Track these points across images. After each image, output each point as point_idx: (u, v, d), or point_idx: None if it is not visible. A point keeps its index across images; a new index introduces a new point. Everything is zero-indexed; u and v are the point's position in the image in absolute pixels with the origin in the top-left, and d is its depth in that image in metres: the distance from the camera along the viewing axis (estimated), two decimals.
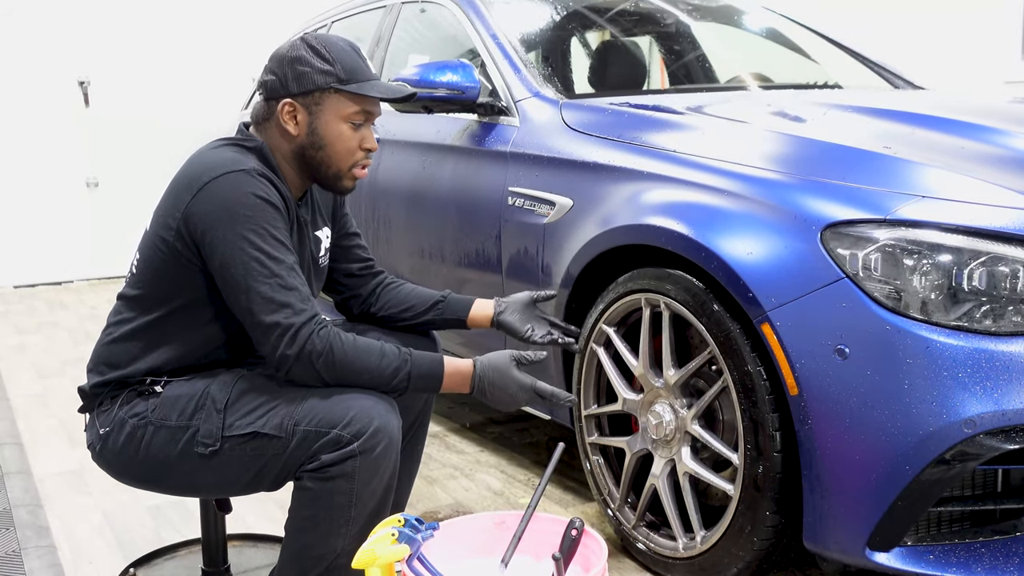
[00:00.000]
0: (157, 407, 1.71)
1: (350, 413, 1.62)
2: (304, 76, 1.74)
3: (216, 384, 1.72)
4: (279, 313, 1.63)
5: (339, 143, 1.78)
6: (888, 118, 2.23)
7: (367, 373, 1.67)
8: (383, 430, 1.63)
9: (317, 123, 1.77)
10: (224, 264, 1.64)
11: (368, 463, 1.62)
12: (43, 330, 5.10)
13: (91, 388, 1.79)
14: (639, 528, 2.20)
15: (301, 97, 1.76)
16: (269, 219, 1.66)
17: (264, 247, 1.64)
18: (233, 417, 1.66)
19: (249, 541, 2.33)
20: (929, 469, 1.63)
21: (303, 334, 1.63)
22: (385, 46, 3.50)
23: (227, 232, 1.63)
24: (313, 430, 1.62)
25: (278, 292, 1.63)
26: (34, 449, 3.16)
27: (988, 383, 1.59)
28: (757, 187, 1.89)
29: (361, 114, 1.79)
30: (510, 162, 2.56)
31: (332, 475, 1.61)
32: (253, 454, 1.66)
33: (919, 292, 1.65)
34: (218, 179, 1.66)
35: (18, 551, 2.33)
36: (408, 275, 3.00)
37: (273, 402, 1.66)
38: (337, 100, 1.76)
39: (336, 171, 1.81)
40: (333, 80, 1.74)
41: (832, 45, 3.54)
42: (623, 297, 2.15)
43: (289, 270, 1.66)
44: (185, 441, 1.68)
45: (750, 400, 1.84)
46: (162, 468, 1.72)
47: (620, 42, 3.36)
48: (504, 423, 3.36)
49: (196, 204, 1.66)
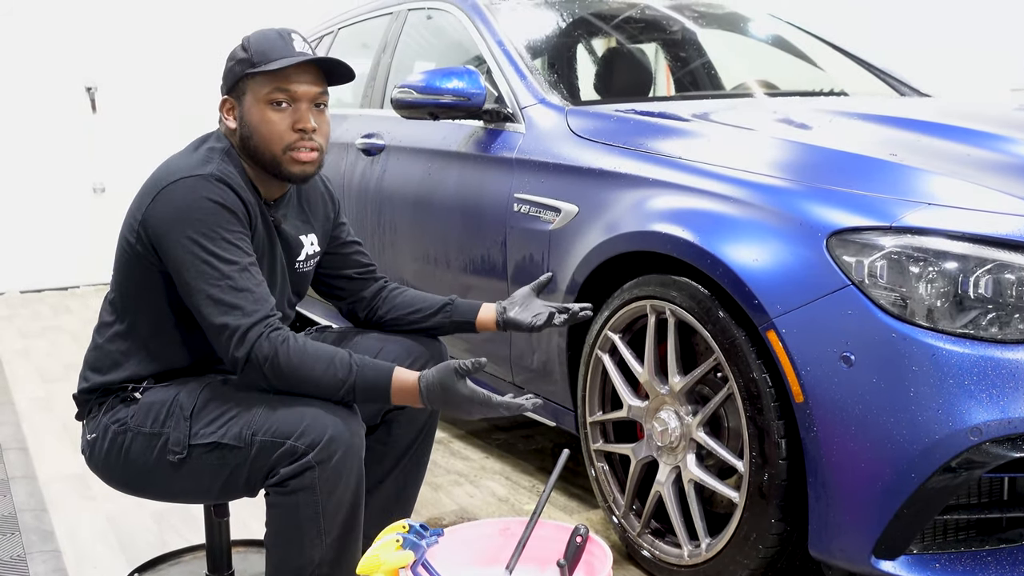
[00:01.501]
0: (135, 413, 1.72)
1: (304, 422, 1.60)
2: (229, 72, 1.77)
3: (185, 391, 1.72)
4: (228, 315, 1.62)
5: (263, 127, 1.74)
6: (894, 125, 2.23)
7: (312, 382, 1.63)
8: (337, 439, 1.59)
9: (243, 112, 1.76)
10: (177, 267, 1.65)
11: (327, 474, 1.59)
12: (47, 334, 5.11)
13: (80, 394, 1.81)
14: (644, 535, 2.19)
15: (231, 93, 1.78)
16: (222, 222, 1.66)
17: (214, 250, 1.64)
18: (198, 425, 1.67)
19: (253, 547, 2.32)
20: (935, 477, 1.62)
21: (251, 336, 1.62)
22: (391, 52, 3.51)
23: (179, 236, 1.64)
24: (269, 440, 1.61)
25: (228, 294, 1.63)
26: (39, 453, 3.17)
27: (994, 391, 1.59)
28: (763, 194, 1.89)
29: (278, 92, 1.73)
30: (516, 169, 2.56)
31: (293, 488, 1.60)
32: (218, 463, 1.65)
33: (925, 299, 1.64)
34: (175, 183, 1.67)
35: (23, 555, 2.33)
36: (413, 281, 3.00)
37: (234, 410, 1.66)
38: (253, 85, 1.74)
39: (271, 156, 1.75)
40: (247, 66, 1.74)
41: (838, 52, 3.54)
42: (628, 304, 2.15)
43: (242, 271, 1.65)
44: (159, 449, 1.69)
45: (755, 407, 1.84)
46: (142, 475, 1.73)
47: (626, 49, 3.36)
48: (509, 430, 3.36)
49: (153, 208, 1.68)
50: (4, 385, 4.03)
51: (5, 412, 3.59)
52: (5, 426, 3.41)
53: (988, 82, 4.64)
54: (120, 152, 6.58)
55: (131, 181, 7.70)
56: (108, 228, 6.41)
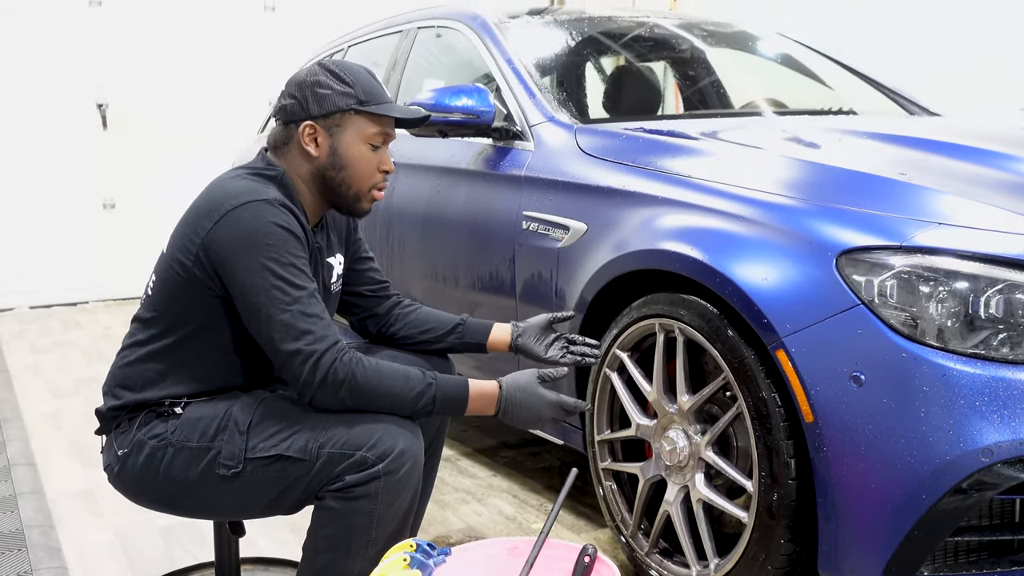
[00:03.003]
0: (177, 428, 1.72)
1: (376, 435, 1.63)
2: (325, 98, 1.77)
3: (238, 406, 1.72)
4: (301, 340, 1.63)
5: (359, 164, 1.81)
6: (903, 144, 2.22)
7: (391, 398, 1.68)
8: (408, 452, 1.64)
9: (338, 144, 1.79)
10: (245, 292, 1.66)
11: (391, 484, 1.63)
12: (57, 350, 5.12)
13: (108, 411, 1.79)
14: (652, 555, 2.18)
15: (322, 119, 1.78)
16: (290, 248, 1.68)
17: (285, 275, 1.65)
18: (256, 439, 1.67)
19: (261, 565, 2.32)
20: (946, 498, 1.61)
21: (326, 361, 1.64)
22: (401, 70, 3.52)
23: (248, 261, 1.65)
24: (338, 452, 1.63)
25: (299, 320, 1.64)
26: (47, 469, 3.17)
27: (1005, 411, 1.58)
28: (772, 213, 1.89)
29: (380, 135, 1.82)
30: (524, 186, 2.57)
31: (355, 495, 1.62)
32: (276, 476, 1.66)
33: (935, 319, 1.64)
34: (240, 208, 1.67)
35: (30, 572, 2.33)
36: (422, 298, 3.01)
37: (297, 425, 1.67)
38: (357, 121, 1.79)
39: (356, 192, 1.83)
40: (353, 102, 1.77)
41: (846, 71, 3.54)
42: (637, 322, 2.15)
43: (310, 298, 1.67)
44: (206, 463, 1.69)
45: (765, 427, 1.83)
46: (182, 490, 1.72)
47: (635, 67, 3.37)
48: (516, 447, 3.35)
49: (217, 232, 1.67)
50: (13, 401, 4.04)
51: (14, 428, 3.59)
52: (14, 442, 3.41)
53: (997, 101, 4.64)
54: (130, 169, 6.61)
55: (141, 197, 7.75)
56: (118, 244, 6.48)
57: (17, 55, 6.24)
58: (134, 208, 6.56)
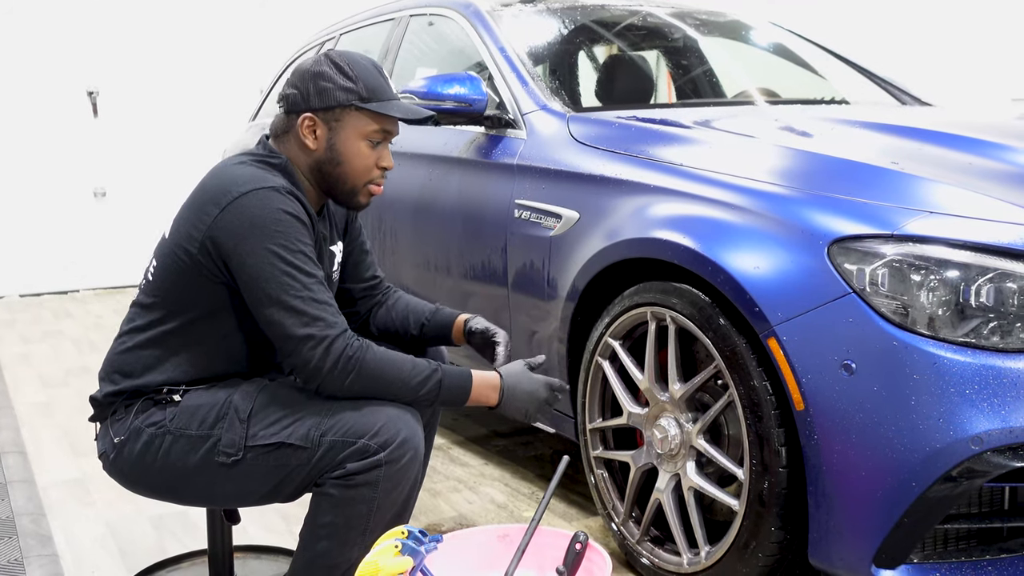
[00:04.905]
0: (176, 416, 1.71)
1: (378, 423, 1.63)
2: (326, 92, 1.76)
3: (238, 394, 1.72)
4: (313, 326, 1.63)
5: (356, 160, 1.80)
6: (895, 134, 2.23)
7: (397, 384, 1.68)
8: (409, 441, 1.64)
9: (336, 139, 1.78)
10: (254, 279, 1.65)
11: (392, 473, 1.63)
12: (48, 339, 5.11)
13: (104, 397, 1.78)
14: (643, 543, 2.19)
15: (322, 112, 1.77)
16: (298, 235, 1.67)
17: (295, 262, 1.65)
18: (257, 427, 1.67)
19: (253, 553, 2.32)
20: (936, 486, 1.62)
21: (337, 346, 1.64)
22: (393, 58, 3.51)
23: (257, 248, 1.64)
24: (340, 440, 1.63)
25: (311, 306, 1.64)
26: (38, 458, 3.16)
27: (996, 400, 1.59)
28: (764, 201, 1.89)
29: (380, 132, 1.80)
30: (517, 175, 2.56)
31: (356, 483, 1.62)
32: (276, 464, 1.66)
33: (926, 308, 1.64)
34: (247, 195, 1.67)
35: (20, 560, 2.33)
36: (413, 287, 3.00)
37: (298, 413, 1.67)
38: (357, 117, 1.78)
39: (351, 187, 1.82)
40: (354, 97, 1.76)
41: (839, 61, 3.54)
42: (629, 311, 2.15)
43: (319, 284, 1.67)
44: (205, 450, 1.68)
45: (756, 415, 1.84)
46: (180, 477, 1.72)
47: (628, 56, 3.36)
48: (508, 436, 3.35)
49: (224, 219, 1.66)
50: (3, 389, 4.03)
51: (4, 416, 3.58)
52: (4, 430, 3.41)
53: (989, 91, 4.65)
54: (121, 156, 6.59)
55: (132, 185, 7.73)
56: (109, 232, 6.46)
57: (7, 43, 6.21)
58: (125, 196, 6.54)
